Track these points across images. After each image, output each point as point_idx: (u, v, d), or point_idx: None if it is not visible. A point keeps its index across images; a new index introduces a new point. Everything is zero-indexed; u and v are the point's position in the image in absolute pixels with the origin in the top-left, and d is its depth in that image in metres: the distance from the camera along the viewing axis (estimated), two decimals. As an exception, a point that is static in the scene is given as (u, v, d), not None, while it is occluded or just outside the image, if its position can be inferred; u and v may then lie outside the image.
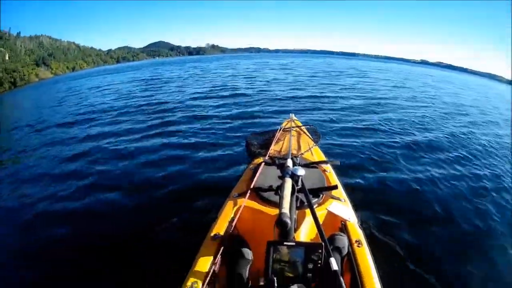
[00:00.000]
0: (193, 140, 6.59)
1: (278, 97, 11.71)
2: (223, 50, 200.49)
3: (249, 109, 9.51)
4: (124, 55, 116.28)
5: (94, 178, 4.90)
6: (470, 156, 6.18)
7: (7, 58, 56.85)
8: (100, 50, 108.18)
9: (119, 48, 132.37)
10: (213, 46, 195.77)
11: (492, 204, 4.19)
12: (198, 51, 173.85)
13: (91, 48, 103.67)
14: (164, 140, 6.70)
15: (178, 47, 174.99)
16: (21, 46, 69.27)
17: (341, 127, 7.60)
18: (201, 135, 6.93)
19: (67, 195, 4.41)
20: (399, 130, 7.72)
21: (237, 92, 13.03)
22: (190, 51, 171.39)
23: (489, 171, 5.48)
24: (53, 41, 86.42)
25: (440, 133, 7.80)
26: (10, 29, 70.49)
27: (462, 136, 7.80)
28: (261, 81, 17.52)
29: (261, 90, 13.51)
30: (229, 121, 8.08)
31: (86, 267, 2.91)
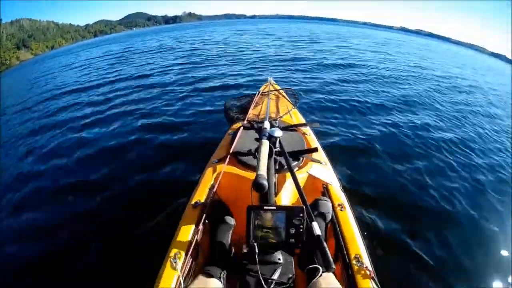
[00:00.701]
0: (170, 109, 6.35)
1: (255, 63, 11.35)
2: (199, 18, 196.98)
3: (226, 76, 9.18)
4: (102, 28, 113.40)
5: (65, 162, 4.52)
6: (442, 116, 6.47)
7: None
8: (78, 26, 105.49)
9: (97, 22, 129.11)
10: (189, 14, 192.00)
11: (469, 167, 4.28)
12: (174, 19, 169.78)
13: (70, 25, 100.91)
14: (141, 111, 6.37)
15: (155, 16, 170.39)
16: (2, 32, 67.04)
17: (320, 91, 7.44)
18: (178, 103, 6.68)
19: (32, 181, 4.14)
20: (379, 91, 7.84)
21: (212, 59, 12.50)
22: (166, 19, 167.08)
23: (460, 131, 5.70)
24: (32, 22, 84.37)
25: (420, 93, 8.15)
26: (-8, 18, 67.76)
27: (438, 100, 7.98)
28: (236, 47, 16.73)
29: (237, 57, 12.86)
30: (206, 88, 7.82)
31: (69, 243, 2.87)
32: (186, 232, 1.50)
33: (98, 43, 42.65)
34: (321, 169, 2.11)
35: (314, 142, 2.62)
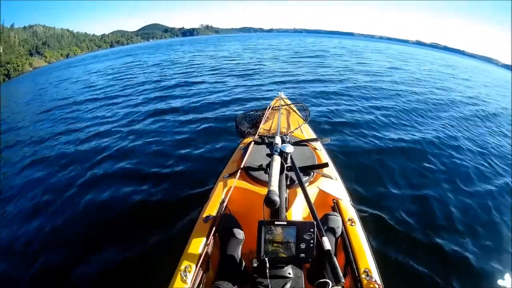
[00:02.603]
0: (179, 122, 6.52)
1: (267, 77, 11.62)
2: (216, 31, 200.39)
3: (237, 90, 9.47)
4: (118, 39, 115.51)
5: (83, 172, 4.66)
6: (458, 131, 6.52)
7: (1, 50, 56.96)
8: (93, 35, 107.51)
9: (113, 32, 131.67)
10: (206, 27, 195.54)
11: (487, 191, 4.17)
12: (192, 32, 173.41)
13: (85, 34, 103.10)
14: (151, 123, 6.67)
15: (172, 28, 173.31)
16: (15, 37, 68.76)
17: (331, 106, 7.60)
18: (188, 117, 6.84)
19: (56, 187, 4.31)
20: (389, 107, 7.85)
21: (224, 73, 12.91)
22: (183, 32, 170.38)
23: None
24: (46, 29, 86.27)
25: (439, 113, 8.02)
26: (4, 22, 70.56)
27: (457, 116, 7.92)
28: (248, 62, 17.17)
29: (248, 72, 13.19)
30: (216, 102, 8.06)
31: (82, 248, 2.97)
32: (197, 246, 1.55)
33: (109, 54, 44.43)
34: (332, 184, 2.18)
35: (324, 157, 2.69)
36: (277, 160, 1.68)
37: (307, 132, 3.33)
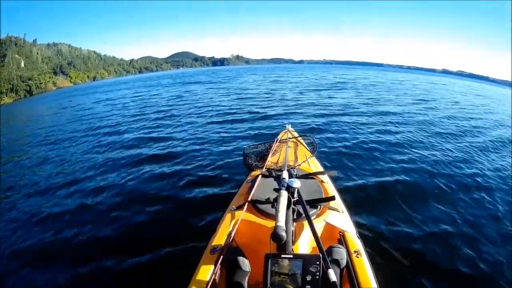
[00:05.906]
0: (190, 154, 6.47)
1: (278, 111, 11.03)
2: (247, 61, 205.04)
3: (245, 123, 9.32)
4: (147, 65, 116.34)
5: (93, 195, 4.70)
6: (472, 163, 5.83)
7: (22, 65, 57.20)
8: (122, 59, 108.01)
9: (142, 58, 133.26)
10: (237, 57, 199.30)
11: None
12: (222, 61, 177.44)
13: (113, 57, 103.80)
14: (159, 156, 6.56)
15: (202, 57, 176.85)
16: (37, 53, 69.28)
17: (339, 138, 7.30)
18: (198, 149, 6.77)
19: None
20: (403, 140, 7.22)
21: (237, 106, 12.50)
22: (214, 61, 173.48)
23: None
24: (72, 49, 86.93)
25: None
26: (25, 36, 70.20)
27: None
28: (263, 95, 16.29)
29: (260, 105, 12.69)
30: (225, 134, 8.08)
31: (86, 278, 2.92)
32: (203, 276, 1.56)
33: (133, 80, 46.15)
34: (338, 217, 2.17)
35: (331, 190, 2.67)
36: (284, 195, 1.70)
37: (314, 165, 3.31)
